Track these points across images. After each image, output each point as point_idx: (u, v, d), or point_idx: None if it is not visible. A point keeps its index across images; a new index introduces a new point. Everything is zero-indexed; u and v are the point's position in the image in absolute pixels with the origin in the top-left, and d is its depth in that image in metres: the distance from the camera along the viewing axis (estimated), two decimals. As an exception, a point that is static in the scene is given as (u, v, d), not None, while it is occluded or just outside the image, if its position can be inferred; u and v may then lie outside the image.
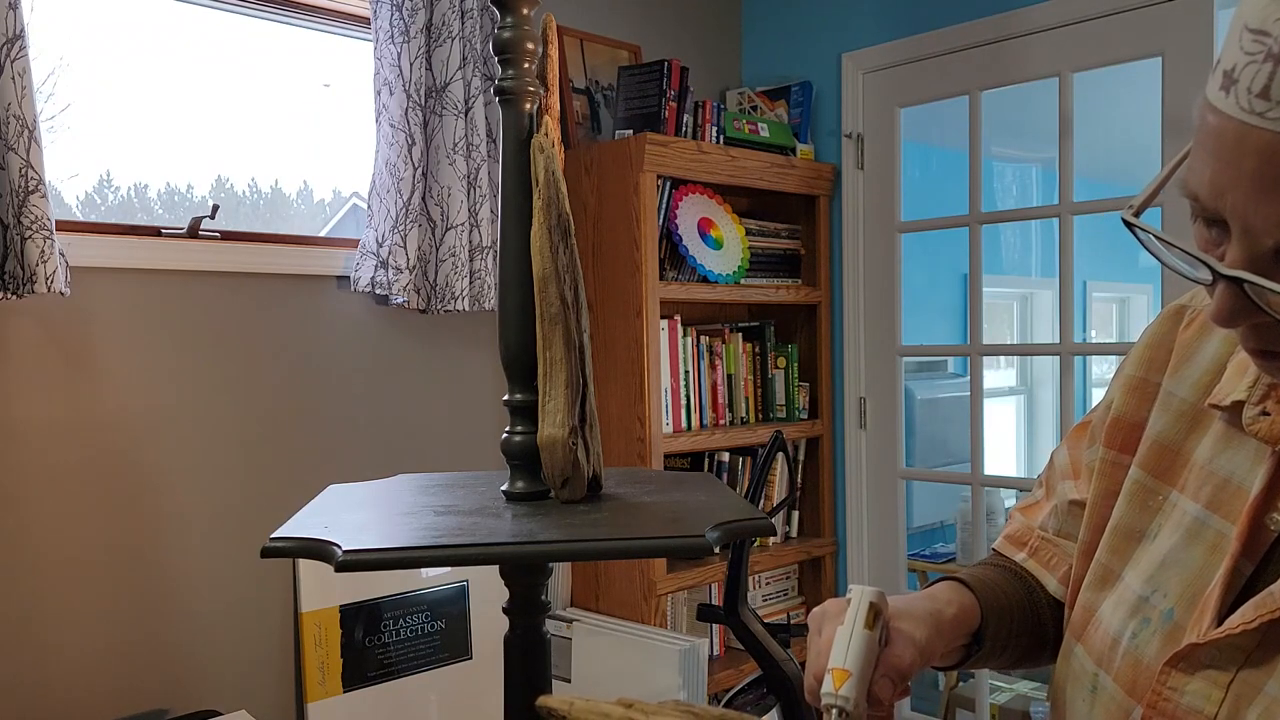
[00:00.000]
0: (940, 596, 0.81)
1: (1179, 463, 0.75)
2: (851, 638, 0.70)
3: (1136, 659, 0.69)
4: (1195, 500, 0.71)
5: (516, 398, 1.04)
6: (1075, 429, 0.91)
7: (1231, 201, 0.56)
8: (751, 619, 1.04)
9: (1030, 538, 0.90)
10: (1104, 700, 0.72)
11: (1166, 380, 0.78)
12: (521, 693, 1.03)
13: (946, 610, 0.79)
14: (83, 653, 1.84)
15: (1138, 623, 0.71)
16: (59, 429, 1.81)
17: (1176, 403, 0.76)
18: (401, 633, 2.19)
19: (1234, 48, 0.54)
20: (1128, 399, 0.81)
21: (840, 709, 0.68)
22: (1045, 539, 0.89)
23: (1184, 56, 2.22)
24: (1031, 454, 5.65)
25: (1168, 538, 0.72)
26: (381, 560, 0.82)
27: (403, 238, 2.11)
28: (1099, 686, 0.73)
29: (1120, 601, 0.73)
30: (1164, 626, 0.68)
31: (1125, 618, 0.72)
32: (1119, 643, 0.71)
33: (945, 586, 0.83)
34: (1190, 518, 0.71)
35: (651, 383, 2.40)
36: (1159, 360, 0.80)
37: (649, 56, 2.77)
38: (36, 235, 1.62)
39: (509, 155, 1.03)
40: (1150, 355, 0.81)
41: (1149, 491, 0.76)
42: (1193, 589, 0.68)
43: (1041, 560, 0.88)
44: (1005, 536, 0.94)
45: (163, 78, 2.11)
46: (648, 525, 0.92)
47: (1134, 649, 0.70)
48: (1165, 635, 0.68)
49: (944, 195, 3.43)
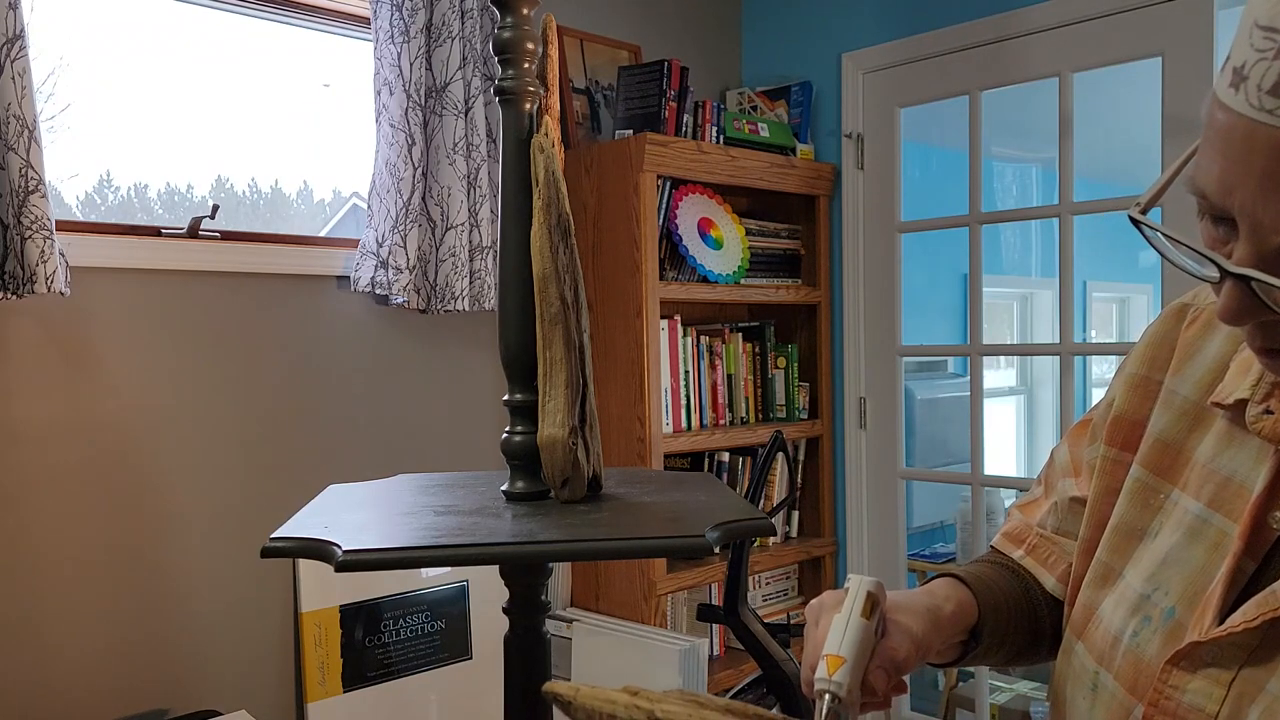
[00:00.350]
0: (938, 593, 0.81)
1: (1180, 461, 0.75)
2: (848, 626, 0.70)
3: (1138, 657, 0.69)
4: (1197, 499, 0.71)
5: (516, 398, 1.04)
6: (1076, 427, 0.91)
7: (1239, 199, 0.56)
8: (751, 619, 1.05)
9: (1029, 535, 0.91)
10: (1105, 699, 0.72)
11: (1168, 379, 0.78)
12: (521, 693, 1.03)
13: (945, 606, 0.79)
14: (83, 653, 1.84)
15: (1139, 621, 0.71)
16: (59, 429, 1.81)
17: (1179, 401, 0.77)
18: (401, 633, 2.19)
19: (1244, 45, 0.54)
20: (1129, 397, 0.81)
21: (833, 694, 0.68)
22: (1044, 537, 0.89)
23: (1184, 56, 2.22)
24: (1031, 454, 5.65)
25: (1169, 536, 0.72)
26: (381, 560, 0.82)
27: (403, 238, 2.11)
28: (1099, 685, 0.73)
29: (1121, 600, 0.73)
30: (1165, 625, 0.68)
31: (1126, 616, 0.72)
32: (1120, 641, 0.71)
33: (943, 583, 0.83)
34: (1192, 516, 0.71)
35: (651, 383, 2.40)
36: (1161, 358, 0.80)
37: (649, 56, 2.77)
38: (36, 235, 1.62)
39: (509, 155, 1.03)
40: (1152, 354, 0.81)
41: (1150, 490, 0.76)
42: (1194, 587, 0.68)
43: (1039, 558, 0.89)
44: (1003, 534, 0.94)
45: (163, 78, 2.11)
46: (648, 525, 0.92)
47: (1135, 647, 0.70)
48: (1167, 634, 0.68)
49: (944, 195, 3.43)
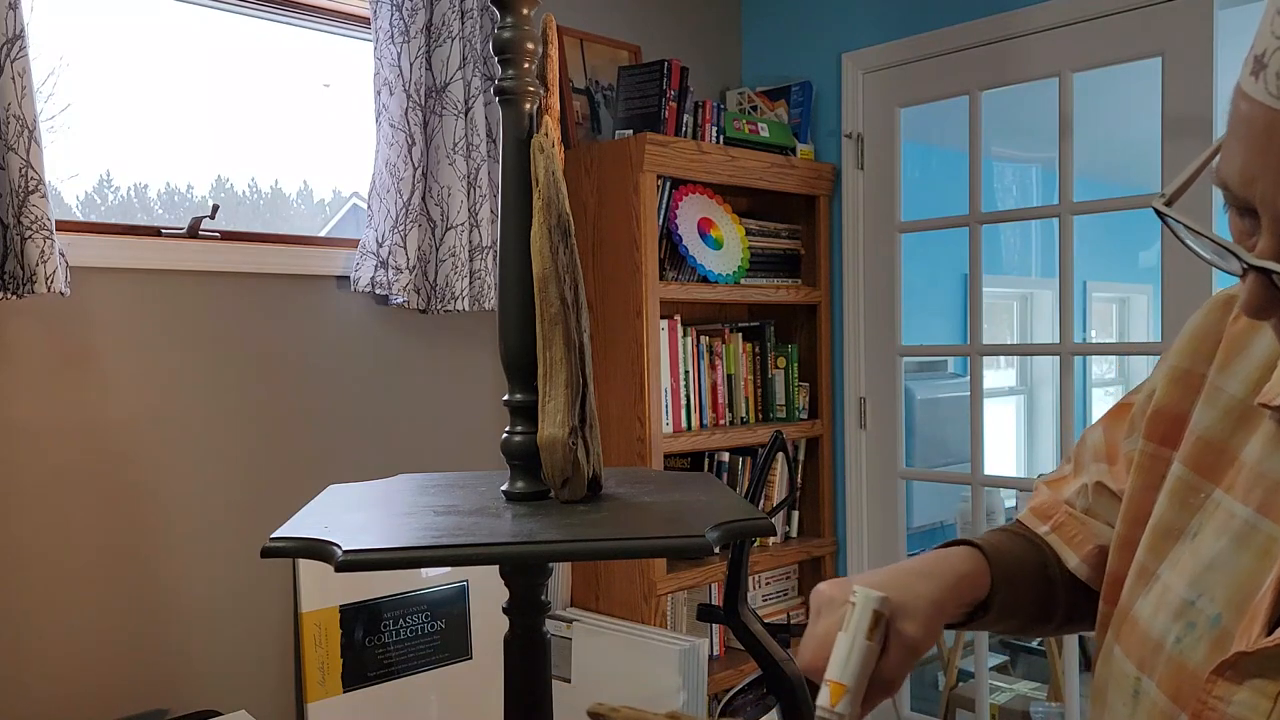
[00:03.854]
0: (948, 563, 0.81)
1: (1224, 461, 0.72)
2: (852, 650, 0.70)
3: (1181, 664, 0.68)
4: (1245, 503, 0.69)
5: (516, 398, 1.04)
6: (1114, 410, 0.89)
7: (1261, 189, 0.55)
8: (751, 619, 1.04)
9: (1056, 512, 0.90)
10: (1146, 706, 0.70)
11: (1214, 373, 0.76)
12: (521, 693, 1.03)
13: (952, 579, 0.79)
14: (83, 652, 1.84)
15: (1182, 626, 0.69)
16: (59, 429, 1.81)
17: (1224, 398, 0.74)
18: (401, 633, 2.19)
19: (1265, 33, 0.53)
20: (1171, 390, 0.79)
21: None
22: (1072, 515, 0.88)
23: (1184, 56, 2.22)
24: (1031, 454, 5.65)
25: (1212, 539, 0.70)
26: (381, 560, 0.82)
27: (403, 238, 2.11)
28: (1141, 691, 0.71)
29: (1162, 603, 0.71)
30: (1211, 632, 0.66)
31: (1169, 620, 0.70)
32: (1162, 647, 0.70)
33: (957, 552, 0.83)
34: (1239, 521, 0.69)
35: (651, 383, 2.40)
36: (1205, 352, 0.77)
37: (649, 56, 2.77)
38: (36, 235, 1.62)
39: (509, 155, 1.03)
40: (1195, 346, 0.79)
41: (1191, 489, 0.74)
42: (1241, 594, 0.66)
43: (1065, 536, 0.88)
44: (1030, 508, 0.93)
45: (163, 78, 2.11)
46: (648, 525, 0.92)
47: (1179, 654, 0.68)
48: (1213, 641, 0.66)
49: (944, 195, 3.43)
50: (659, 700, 2.21)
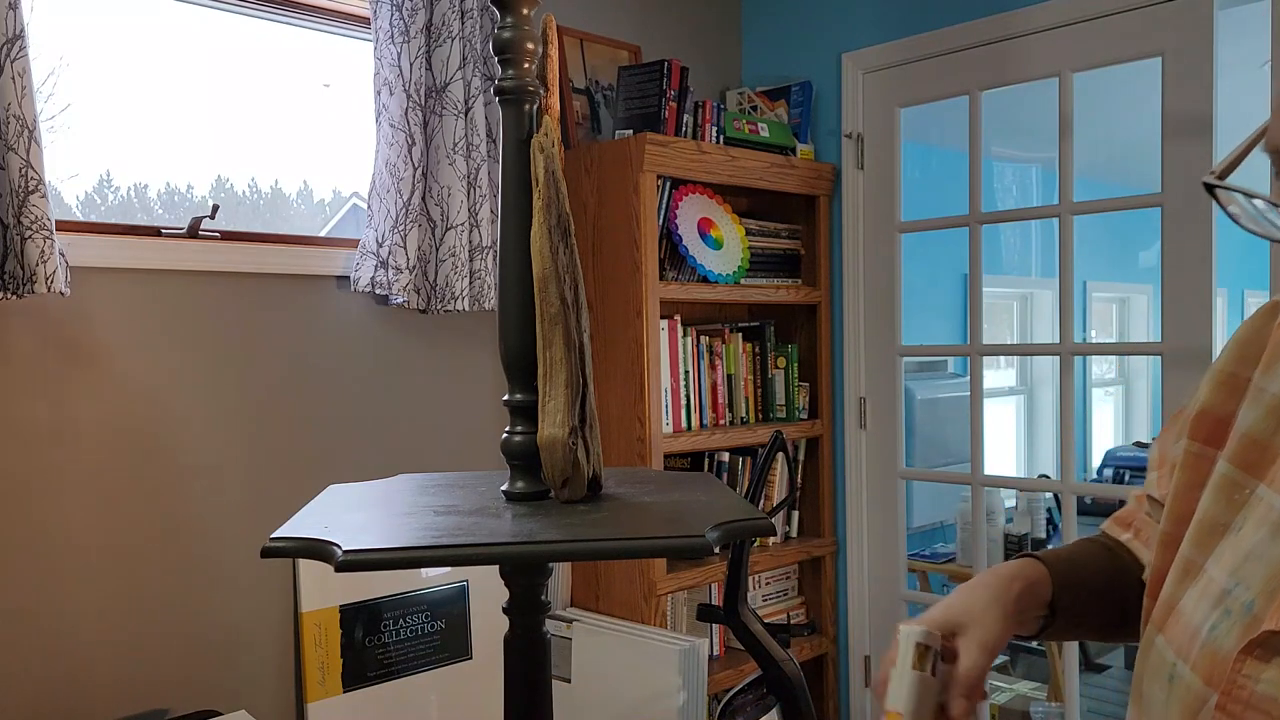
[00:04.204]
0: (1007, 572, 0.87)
1: (1268, 457, 0.74)
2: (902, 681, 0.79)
3: (1215, 649, 0.70)
4: None
5: (516, 398, 1.04)
6: (1170, 419, 0.93)
7: None
8: (751, 619, 1.04)
9: (1134, 518, 0.95)
10: (1180, 689, 0.72)
11: (1258, 375, 0.78)
12: (521, 693, 1.03)
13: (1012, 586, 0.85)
14: (83, 652, 1.84)
15: (1219, 614, 0.71)
16: (58, 429, 1.81)
17: (1267, 398, 0.76)
18: (401, 633, 2.19)
19: None
20: (1215, 393, 0.81)
21: None
22: (1147, 520, 0.92)
23: (1184, 56, 2.22)
24: (1031, 454, 5.65)
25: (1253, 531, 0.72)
26: (381, 560, 0.82)
27: (403, 238, 2.11)
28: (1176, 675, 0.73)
29: (1204, 594, 0.74)
30: (1244, 618, 0.68)
31: (1208, 610, 0.72)
32: (1199, 634, 0.72)
33: (1017, 563, 0.88)
34: (1278, 513, 0.71)
35: (651, 383, 2.40)
36: (1250, 356, 0.80)
37: (649, 56, 2.77)
38: (36, 235, 1.62)
39: (509, 155, 1.03)
40: (1241, 351, 0.81)
41: (1235, 485, 0.76)
42: (1275, 581, 0.68)
43: (1144, 540, 0.92)
44: (1113, 518, 0.99)
45: (163, 78, 2.11)
46: (648, 525, 0.92)
47: (1213, 640, 0.70)
48: (1245, 625, 0.68)
49: (944, 195, 3.43)
50: (659, 700, 2.21)
